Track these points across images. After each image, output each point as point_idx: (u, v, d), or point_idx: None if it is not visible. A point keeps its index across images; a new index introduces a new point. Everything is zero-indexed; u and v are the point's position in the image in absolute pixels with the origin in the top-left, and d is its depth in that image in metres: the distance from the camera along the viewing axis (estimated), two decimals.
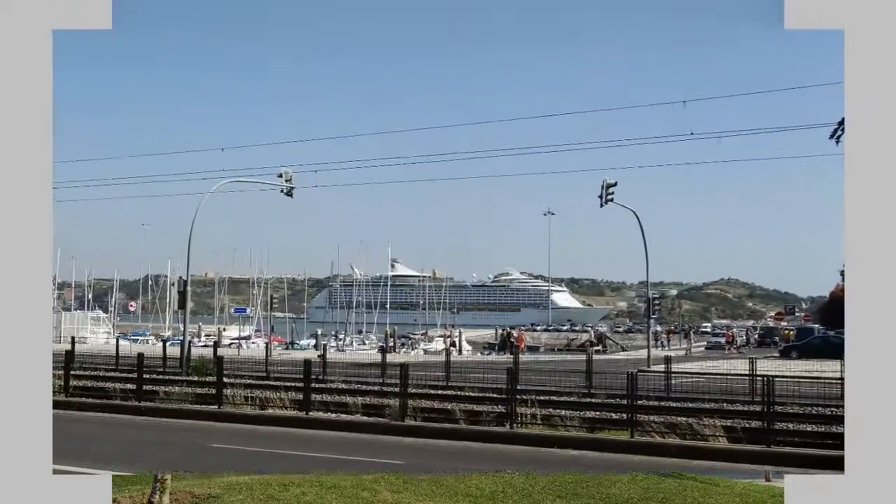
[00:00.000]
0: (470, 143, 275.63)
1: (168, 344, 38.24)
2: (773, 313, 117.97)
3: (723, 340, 60.30)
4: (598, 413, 17.80)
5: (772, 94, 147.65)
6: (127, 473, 10.81)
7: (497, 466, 12.29)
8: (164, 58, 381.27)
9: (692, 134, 22.80)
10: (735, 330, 79.25)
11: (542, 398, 18.98)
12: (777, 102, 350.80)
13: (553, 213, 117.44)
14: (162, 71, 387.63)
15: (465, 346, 65.61)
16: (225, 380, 19.63)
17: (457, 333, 64.84)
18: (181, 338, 33.37)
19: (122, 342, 43.32)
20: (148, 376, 23.06)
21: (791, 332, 58.40)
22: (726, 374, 23.57)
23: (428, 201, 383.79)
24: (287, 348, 59.24)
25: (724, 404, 19.13)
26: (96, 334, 62.98)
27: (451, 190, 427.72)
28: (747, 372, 24.22)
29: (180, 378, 25.72)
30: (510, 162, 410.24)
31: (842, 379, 21.30)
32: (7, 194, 5.48)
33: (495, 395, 20.06)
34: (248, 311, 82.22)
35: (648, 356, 35.75)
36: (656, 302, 42.70)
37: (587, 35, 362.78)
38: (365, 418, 17.53)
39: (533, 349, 74.31)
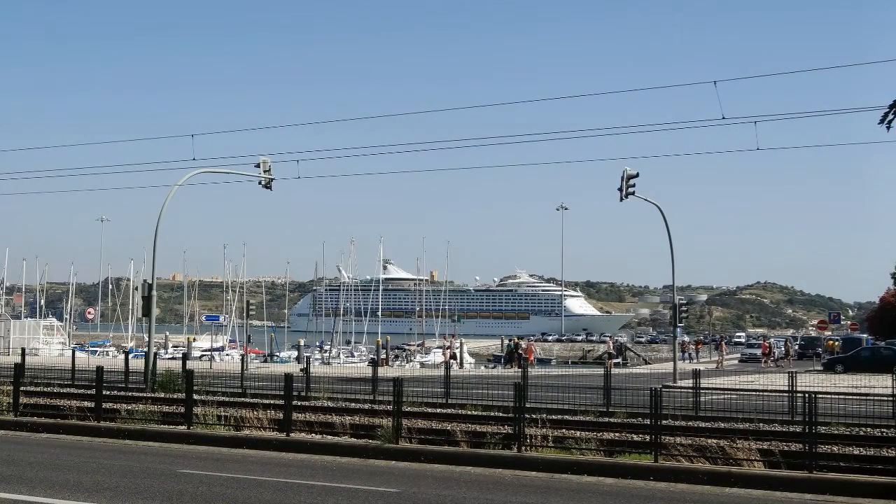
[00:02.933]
0: (473, 129, 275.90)
1: (131, 356, 38.21)
2: (815, 321, 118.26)
3: (758, 352, 60.34)
4: (617, 434, 17.89)
5: (813, 74, 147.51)
6: None
7: (504, 496, 12.31)
8: (126, 32, 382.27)
9: (724, 118, 22.68)
10: (772, 340, 79.31)
11: (554, 418, 19.08)
12: (819, 82, 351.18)
13: (566, 209, 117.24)
14: (123, 47, 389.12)
15: (467, 359, 65.65)
16: (195, 397, 19.67)
17: (457, 344, 64.84)
18: (145, 349, 33.39)
19: (78, 354, 43.32)
20: (108, 393, 23.10)
21: (836, 343, 58.47)
22: (762, 391, 23.64)
23: (425, 195, 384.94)
24: (265, 361, 59.29)
25: (761, 425, 19.24)
26: (50, 345, 62.91)
27: (452, 182, 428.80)
28: (786, 388, 24.34)
29: (145, 395, 25.84)
30: (518, 150, 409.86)
31: (893, 396, 21.43)
32: None
33: (501, 415, 20.14)
34: (222, 318, 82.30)
35: (675, 370, 35.78)
36: (683, 309, 42.73)
37: (600, 4, 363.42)
38: (353, 440, 17.56)
39: (544, 362, 74.51)
